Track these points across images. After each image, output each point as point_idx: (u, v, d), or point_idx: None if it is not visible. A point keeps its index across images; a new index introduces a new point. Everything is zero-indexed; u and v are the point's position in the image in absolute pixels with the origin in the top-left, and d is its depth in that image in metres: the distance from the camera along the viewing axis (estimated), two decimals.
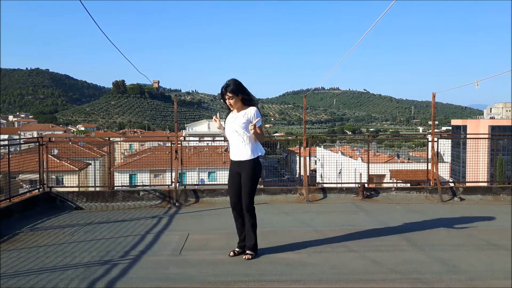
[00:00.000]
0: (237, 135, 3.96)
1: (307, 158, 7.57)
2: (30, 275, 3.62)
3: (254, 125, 3.82)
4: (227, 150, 3.95)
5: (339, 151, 23.69)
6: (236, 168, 4.02)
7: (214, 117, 4.11)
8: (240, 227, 4.08)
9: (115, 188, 7.79)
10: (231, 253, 4.06)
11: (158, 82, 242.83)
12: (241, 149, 3.97)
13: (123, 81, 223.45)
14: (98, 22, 5.37)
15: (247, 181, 3.95)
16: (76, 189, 7.37)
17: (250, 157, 3.94)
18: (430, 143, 7.65)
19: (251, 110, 3.93)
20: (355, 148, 26.61)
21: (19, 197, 6.31)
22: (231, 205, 4.09)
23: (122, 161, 20.89)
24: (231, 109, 4.00)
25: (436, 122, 8.62)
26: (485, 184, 7.99)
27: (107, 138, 8.85)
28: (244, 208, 3.98)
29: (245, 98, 3.94)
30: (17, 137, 70.44)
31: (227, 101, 3.95)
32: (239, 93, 3.92)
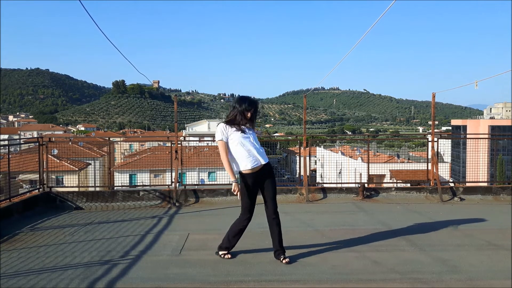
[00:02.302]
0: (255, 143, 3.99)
1: (307, 158, 7.57)
2: (30, 275, 3.63)
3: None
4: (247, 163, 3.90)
5: (339, 151, 23.69)
6: (260, 177, 3.97)
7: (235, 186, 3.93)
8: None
9: (115, 188, 7.79)
10: (229, 255, 4.06)
11: (158, 82, 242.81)
12: (261, 155, 4.01)
13: (123, 81, 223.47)
14: (98, 22, 5.37)
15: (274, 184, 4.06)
16: (76, 189, 7.38)
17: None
18: (430, 143, 7.66)
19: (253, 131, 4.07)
20: (355, 148, 26.63)
21: (19, 197, 6.31)
22: (251, 214, 4.00)
23: (122, 161, 20.90)
24: (246, 119, 3.96)
25: (436, 122, 8.62)
26: (485, 184, 7.99)
27: (107, 138, 8.86)
28: (275, 212, 4.00)
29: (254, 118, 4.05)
30: (17, 137, 70.45)
31: (250, 113, 3.94)
32: (257, 112, 4.06)
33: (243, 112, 3.92)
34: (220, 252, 4.06)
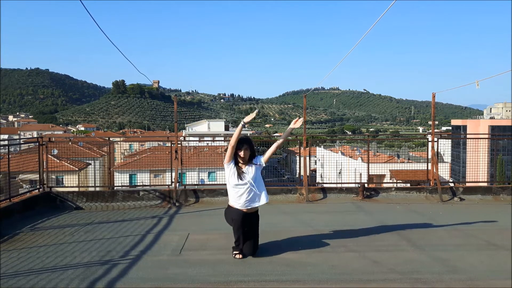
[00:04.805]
0: (252, 187, 4.09)
1: (307, 158, 7.57)
2: (30, 275, 3.63)
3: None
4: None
5: (339, 151, 23.69)
6: (248, 214, 4.13)
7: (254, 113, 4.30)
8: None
9: (115, 188, 7.78)
10: (240, 256, 4.07)
11: (158, 82, 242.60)
12: (255, 199, 4.14)
13: (123, 81, 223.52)
14: (98, 22, 5.37)
15: (257, 227, 4.21)
16: (76, 189, 7.37)
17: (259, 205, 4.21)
18: (430, 143, 7.65)
19: (255, 161, 4.17)
20: (355, 148, 26.63)
21: (19, 197, 6.31)
22: (240, 243, 4.07)
23: (122, 161, 20.90)
24: (242, 162, 4.10)
25: (436, 122, 8.62)
26: (485, 184, 7.99)
27: (107, 138, 8.86)
28: (254, 252, 4.15)
29: (253, 153, 4.14)
30: (17, 137, 70.37)
31: (241, 152, 4.06)
32: (253, 146, 4.16)
33: (237, 153, 4.09)
34: (233, 252, 4.10)
